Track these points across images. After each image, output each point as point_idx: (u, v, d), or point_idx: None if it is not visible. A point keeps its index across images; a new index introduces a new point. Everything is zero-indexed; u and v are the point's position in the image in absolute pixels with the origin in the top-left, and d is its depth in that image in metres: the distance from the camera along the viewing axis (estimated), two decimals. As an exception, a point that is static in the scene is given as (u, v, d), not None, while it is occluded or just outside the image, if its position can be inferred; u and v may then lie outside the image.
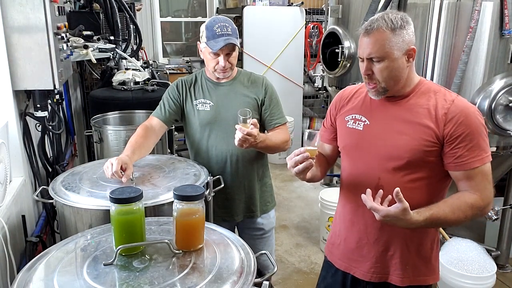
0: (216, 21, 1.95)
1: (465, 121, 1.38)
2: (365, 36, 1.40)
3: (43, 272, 1.22)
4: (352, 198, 1.59)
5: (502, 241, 3.13)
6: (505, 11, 2.46)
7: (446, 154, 1.41)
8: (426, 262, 1.56)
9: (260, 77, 2.13)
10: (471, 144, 1.38)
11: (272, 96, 2.09)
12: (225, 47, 1.91)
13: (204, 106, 2.05)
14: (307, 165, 1.40)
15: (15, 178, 1.99)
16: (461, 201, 1.38)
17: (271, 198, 2.26)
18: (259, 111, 2.07)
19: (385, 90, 1.43)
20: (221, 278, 1.16)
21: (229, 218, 2.14)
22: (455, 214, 1.36)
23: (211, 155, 2.07)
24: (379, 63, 1.38)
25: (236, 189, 2.10)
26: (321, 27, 5.52)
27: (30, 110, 2.15)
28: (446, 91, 1.47)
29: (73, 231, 1.62)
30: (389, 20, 1.36)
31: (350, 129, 1.56)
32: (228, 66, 1.97)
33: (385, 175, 1.46)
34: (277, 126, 2.08)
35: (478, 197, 1.39)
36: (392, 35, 1.36)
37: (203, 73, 2.12)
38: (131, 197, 1.27)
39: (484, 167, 1.40)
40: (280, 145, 2.03)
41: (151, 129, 2.06)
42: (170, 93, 2.11)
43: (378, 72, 1.40)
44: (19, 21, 1.89)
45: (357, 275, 1.61)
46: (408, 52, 1.39)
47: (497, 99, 2.54)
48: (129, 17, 3.64)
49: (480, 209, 1.40)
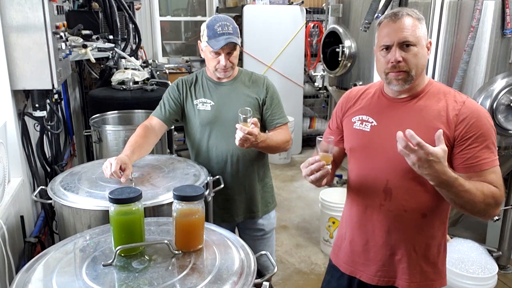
0: (217, 20, 1.93)
1: (476, 123, 1.36)
2: (393, 22, 1.38)
3: (41, 272, 1.21)
4: (359, 200, 1.57)
5: (503, 241, 3.12)
6: (506, 10, 2.46)
7: (456, 155, 1.39)
8: (433, 266, 1.54)
9: (261, 77, 2.12)
10: (481, 146, 1.36)
11: (274, 96, 2.08)
12: (226, 46, 1.90)
13: (205, 106, 2.04)
14: (323, 173, 1.38)
15: (14, 178, 1.98)
16: (483, 186, 1.34)
17: (272, 198, 2.25)
18: (260, 111, 2.06)
19: (412, 78, 1.40)
20: (221, 279, 1.16)
21: (229, 219, 2.13)
22: (477, 192, 1.31)
23: (211, 155, 2.06)
24: (413, 48, 1.37)
25: (236, 189, 2.09)
26: (322, 26, 5.52)
27: (28, 110, 2.15)
28: (456, 93, 1.45)
29: (72, 231, 1.61)
30: (412, 11, 1.40)
31: (357, 130, 1.54)
32: (229, 66, 1.96)
33: (393, 178, 1.44)
34: (278, 126, 2.07)
35: (497, 189, 1.36)
36: (419, 23, 1.39)
37: (203, 73, 2.11)
38: (130, 198, 1.26)
39: (495, 168, 1.38)
40: (281, 145, 2.02)
41: (151, 129, 2.04)
42: (171, 92, 2.10)
43: (412, 57, 1.37)
44: (18, 20, 1.89)
45: (363, 279, 1.58)
46: (427, 44, 1.42)
47: (498, 99, 2.53)
48: (128, 16, 3.63)
49: (498, 201, 1.35)
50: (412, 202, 1.45)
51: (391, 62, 1.38)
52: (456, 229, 3.38)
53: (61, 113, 2.89)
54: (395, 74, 1.40)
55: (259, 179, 2.15)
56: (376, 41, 1.45)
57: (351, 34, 3.26)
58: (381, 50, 1.42)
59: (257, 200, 2.15)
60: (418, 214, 1.46)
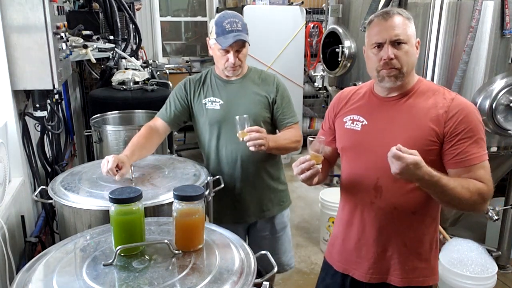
0: (226, 16, 1.89)
1: (465, 119, 1.38)
2: (384, 21, 1.40)
3: (42, 272, 1.21)
4: (351, 198, 1.59)
5: (503, 241, 3.12)
6: (506, 10, 2.46)
7: (445, 152, 1.41)
8: (426, 262, 1.55)
9: (271, 75, 2.08)
10: (470, 141, 1.38)
11: (284, 95, 2.04)
12: (235, 44, 1.86)
13: (214, 105, 2.00)
14: (313, 172, 1.40)
15: (14, 178, 1.98)
16: (469, 182, 1.36)
17: (286, 197, 2.20)
18: (270, 110, 2.02)
19: (403, 75, 1.42)
20: (221, 279, 1.16)
21: (241, 220, 2.10)
22: (463, 190, 1.34)
23: (221, 154, 2.03)
24: (404, 45, 1.39)
25: (247, 189, 2.06)
26: (321, 27, 5.52)
27: (29, 110, 2.15)
28: (445, 90, 1.47)
29: (73, 231, 1.61)
30: (401, 10, 1.43)
31: (348, 129, 1.56)
32: (238, 63, 1.92)
33: (383, 175, 1.45)
34: (289, 125, 2.03)
35: (484, 185, 1.38)
36: (408, 22, 1.42)
37: (212, 71, 2.07)
38: (130, 197, 1.26)
39: (484, 163, 1.40)
40: (292, 144, 1.98)
41: (155, 130, 2.03)
42: (177, 93, 2.07)
43: (403, 55, 1.40)
44: (18, 20, 1.89)
45: (356, 276, 1.60)
46: (416, 43, 1.44)
47: (497, 99, 2.54)
48: (128, 17, 3.63)
49: (485, 197, 1.37)
50: (402, 199, 1.47)
51: (384, 60, 1.40)
52: (455, 229, 3.38)
53: (62, 113, 2.90)
54: (387, 71, 1.42)
55: (272, 178, 2.11)
56: (367, 39, 1.47)
57: (350, 34, 3.26)
58: (372, 48, 1.43)
59: (270, 199, 2.11)
60: (408, 211, 1.48)
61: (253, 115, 1.93)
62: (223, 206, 2.08)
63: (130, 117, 2.96)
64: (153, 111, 2.89)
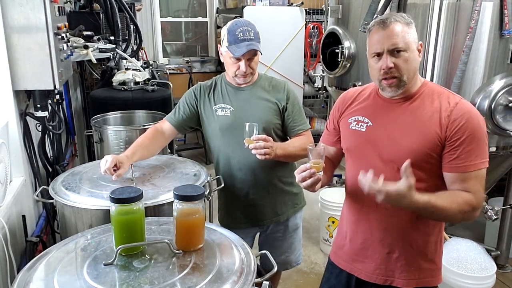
0: (238, 24, 1.87)
1: (466, 124, 1.37)
2: (382, 30, 1.40)
3: (43, 272, 1.22)
4: (357, 199, 1.59)
5: (502, 241, 3.13)
6: (504, 11, 2.46)
7: (444, 155, 1.41)
8: (431, 263, 1.56)
9: (281, 82, 2.06)
10: (469, 148, 1.37)
11: (295, 102, 2.02)
12: (247, 53, 1.84)
13: (224, 111, 1.98)
14: (314, 180, 1.41)
15: (15, 178, 1.99)
16: (457, 196, 1.38)
17: (300, 199, 2.19)
18: (281, 117, 2.00)
19: (404, 84, 1.42)
20: (221, 278, 1.17)
21: (255, 225, 2.10)
22: (452, 207, 1.35)
23: (232, 161, 2.01)
24: (403, 53, 1.39)
25: (259, 195, 2.04)
26: (321, 27, 5.52)
27: (30, 110, 2.16)
28: (450, 93, 1.46)
29: (73, 231, 1.62)
30: (400, 16, 1.42)
31: (353, 130, 1.56)
32: (249, 71, 1.90)
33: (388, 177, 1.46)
34: (300, 132, 2.01)
35: (472, 196, 1.38)
36: (408, 28, 1.40)
37: (223, 78, 2.05)
38: (131, 197, 1.27)
39: (479, 172, 1.39)
40: (301, 152, 1.92)
41: (161, 132, 2.04)
42: (187, 97, 2.06)
43: (403, 63, 1.39)
44: (19, 21, 1.89)
45: (361, 276, 1.60)
46: (418, 46, 1.43)
47: (497, 99, 2.54)
48: (129, 17, 3.64)
49: (473, 208, 1.38)
50: None
51: (383, 69, 1.40)
52: (454, 228, 3.39)
53: (63, 113, 2.90)
54: (388, 81, 1.42)
55: (285, 183, 2.09)
56: (367, 48, 1.47)
57: (350, 35, 3.26)
58: (372, 57, 1.44)
59: (284, 203, 2.10)
60: (414, 213, 1.48)
61: (264, 122, 1.93)
62: (235, 211, 2.08)
63: (131, 117, 2.97)
64: (153, 112, 2.91)
